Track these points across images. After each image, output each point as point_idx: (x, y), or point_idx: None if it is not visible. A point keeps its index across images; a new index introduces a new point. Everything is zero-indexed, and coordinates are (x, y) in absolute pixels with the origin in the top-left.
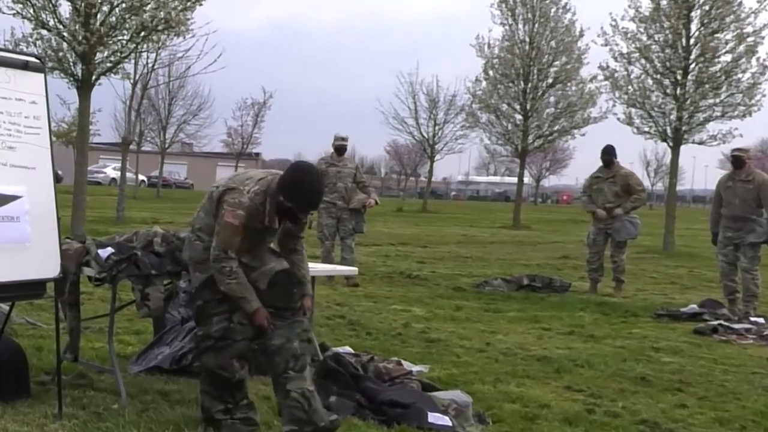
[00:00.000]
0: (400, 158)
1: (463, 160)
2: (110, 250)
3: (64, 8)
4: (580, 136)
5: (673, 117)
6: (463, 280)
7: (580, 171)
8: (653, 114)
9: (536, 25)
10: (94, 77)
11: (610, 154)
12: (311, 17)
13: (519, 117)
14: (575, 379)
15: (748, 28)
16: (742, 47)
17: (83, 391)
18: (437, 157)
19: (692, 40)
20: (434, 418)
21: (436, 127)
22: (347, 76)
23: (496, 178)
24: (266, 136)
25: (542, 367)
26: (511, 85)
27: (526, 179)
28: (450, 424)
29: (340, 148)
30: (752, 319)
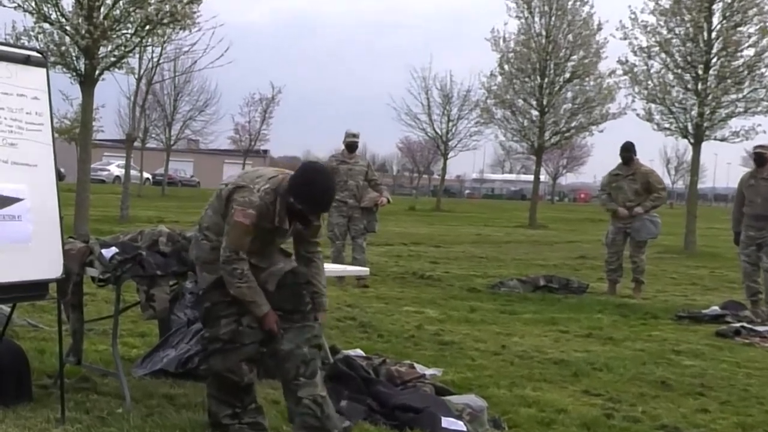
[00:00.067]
0: (413, 155)
1: (478, 158)
2: (114, 250)
3: (67, 1)
4: (598, 133)
5: (695, 113)
6: (477, 281)
7: (598, 169)
8: (674, 110)
9: (553, 18)
10: (97, 72)
11: (629, 151)
12: (321, 10)
13: (535, 113)
14: (593, 383)
15: None
16: (765, 41)
17: (86, 395)
18: (451, 154)
19: (714, 34)
20: (448, 423)
21: (450, 124)
22: (358, 70)
23: (512, 176)
24: (275, 133)
25: (559, 371)
26: (527, 79)
27: (543, 177)
28: (464, 429)
29: (352, 145)
30: None
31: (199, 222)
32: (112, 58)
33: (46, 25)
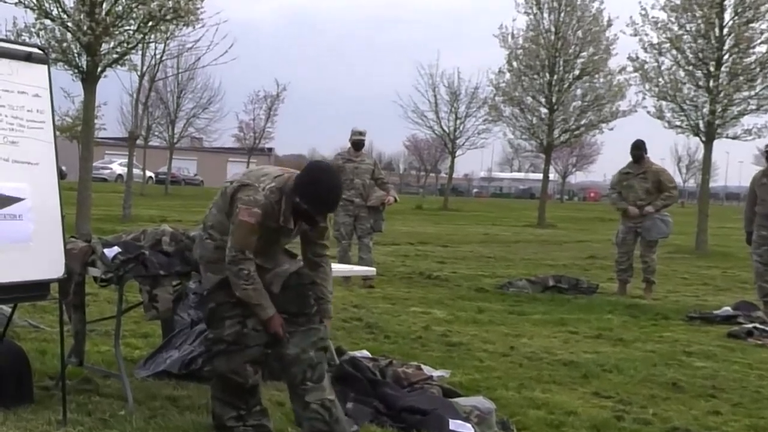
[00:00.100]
0: (420, 154)
1: (486, 156)
2: (117, 250)
3: None
4: (608, 131)
5: (706, 110)
6: (485, 281)
7: (608, 167)
8: (685, 107)
9: (562, 14)
10: (99, 69)
11: (640, 149)
12: (326, 6)
13: (544, 110)
14: (603, 385)
15: None
16: None
17: (88, 397)
18: (458, 152)
19: (726, 30)
20: (456, 425)
21: (458, 121)
22: (365, 67)
23: (520, 175)
24: (280, 131)
25: (569, 372)
26: (536, 76)
27: (552, 175)
28: (472, 431)
29: (358, 143)
30: None
31: (204, 221)
32: (115, 55)
33: (48, 22)
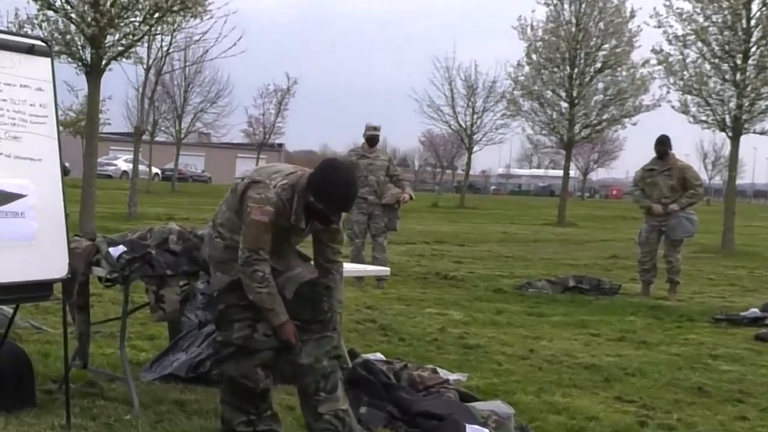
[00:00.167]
0: (436, 149)
1: (504, 152)
2: (122, 249)
3: None
4: (631, 126)
5: (733, 105)
6: (504, 282)
7: (630, 164)
8: (711, 101)
9: (583, 5)
10: (104, 62)
11: (664, 144)
12: None
13: (564, 105)
14: (626, 389)
15: None
16: None
17: (93, 401)
18: (476, 148)
19: (753, 22)
20: (473, 430)
21: (475, 116)
22: (378, 60)
23: (540, 171)
24: (290, 126)
25: (590, 376)
26: (556, 70)
27: (573, 172)
28: None
29: (372, 139)
30: None
31: (213, 218)
32: (120, 48)
33: (51, 13)
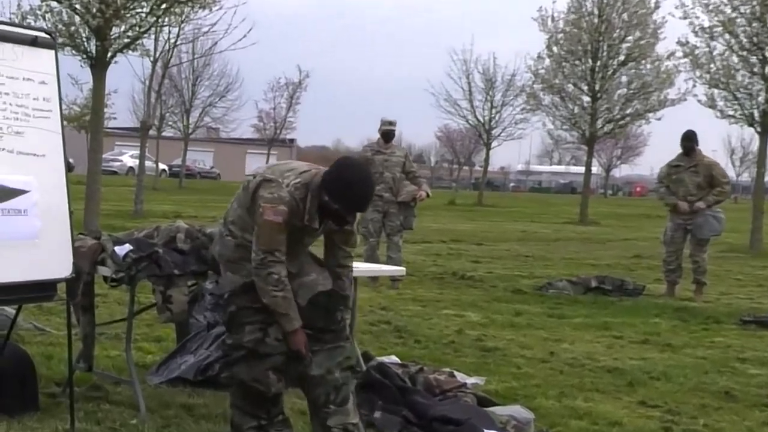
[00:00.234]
0: (453, 145)
1: (524, 148)
2: (128, 248)
3: None
4: (656, 121)
5: (761, 99)
6: (523, 282)
7: (655, 160)
8: (738, 95)
9: None
10: (109, 54)
11: (691, 140)
12: None
13: (586, 99)
14: (650, 394)
15: None
16: None
17: (98, 405)
18: (494, 143)
19: None
20: None
21: (493, 110)
22: (393, 52)
23: (561, 168)
24: (302, 121)
25: (613, 380)
26: (578, 62)
27: (595, 169)
28: None
29: (388, 134)
30: None
31: (224, 216)
32: (126, 40)
33: (54, 4)
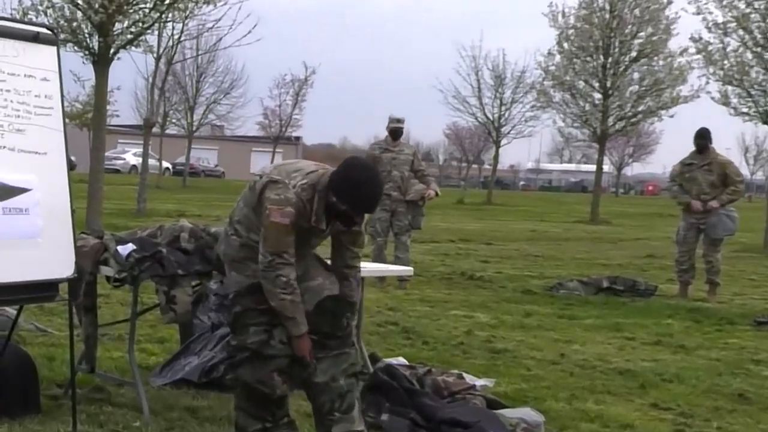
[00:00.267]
0: (461, 143)
1: (534, 146)
2: (131, 247)
3: None
4: (668, 118)
5: None
6: (533, 282)
7: (667, 158)
8: (753, 92)
9: None
10: (112, 51)
11: (704, 138)
12: None
13: (598, 96)
14: (663, 396)
15: None
16: None
17: (100, 407)
18: (504, 141)
19: None
20: None
21: (503, 108)
22: (400, 49)
23: (572, 166)
24: (308, 118)
25: (625, 382)
26: (589, 59)
27: (606, 167)
28: None
29: (396, 131)
30: None
31: (230, 215)
32: (129, 36)
33: None
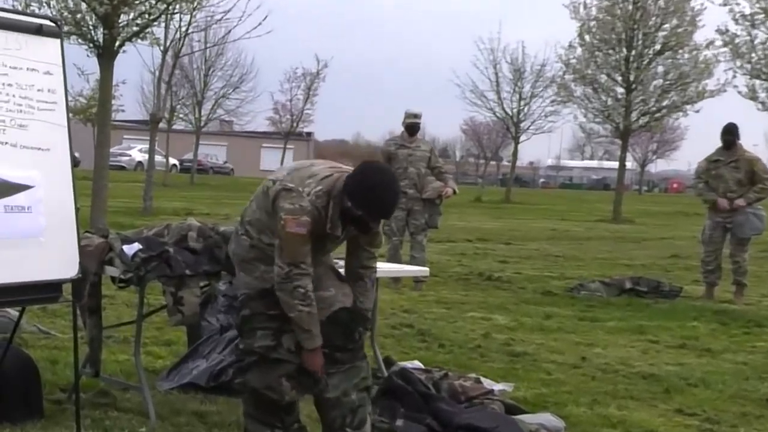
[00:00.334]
0: (479, 139)
1: (554, 142)
2: (137, 247)
3: None
4: (694, 113)
5: None
6: (553, 283)
7: (692, 155)
8: None
9: None
10: (117, 43)
11: (732, 133)
12: None
13: (620, 90)
14: (688, 401)
15: None
16: None
17: (105, 412)
18: (523, 137)
19: None
20: None
21: (522, 102)
22: (416, 41)
23: (593, 163)
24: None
25: (648, 387)
26: (612, 52)
27: (629, 164)
28: None
29: (413, 127)
30: None
31: (242, 214)
32: (135, 28)
33: None
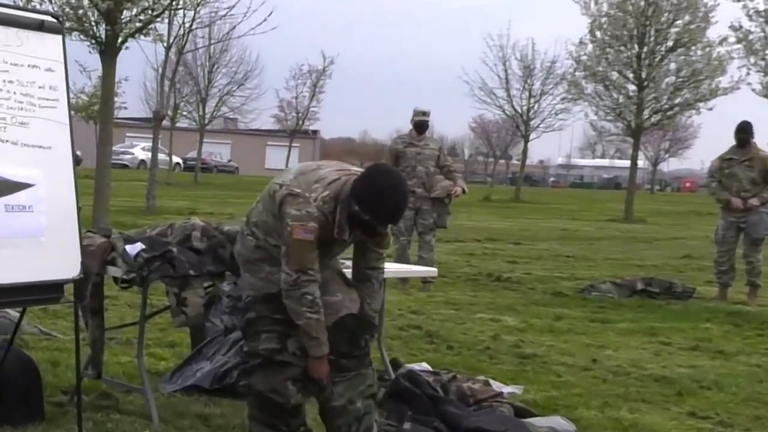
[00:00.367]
0: (488, 137)
1: (564, 140)
2: (140, 246)
3: None
4: (707, 111)
5: None
6: (563, 284)
7: (705, 153)
8: None
9: None
10: (120, 40)
11: (746, 132)
12: None
13: (632, 87)
14: (700, 404)
15: None
16: None
17: (107, 414)
18: (533, 135)
19: None
20: None
21: (532, 100)
22: (424, 37)
23: (604, 162)
24: (326, 111)
25: (660, 389)
26: (623, 48)
27: (641, 162)
28: None
29: (421, 125)
30: None
31: (248, 215)
32: (137, 24)
33: None
